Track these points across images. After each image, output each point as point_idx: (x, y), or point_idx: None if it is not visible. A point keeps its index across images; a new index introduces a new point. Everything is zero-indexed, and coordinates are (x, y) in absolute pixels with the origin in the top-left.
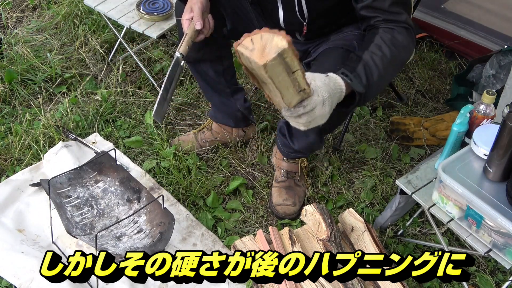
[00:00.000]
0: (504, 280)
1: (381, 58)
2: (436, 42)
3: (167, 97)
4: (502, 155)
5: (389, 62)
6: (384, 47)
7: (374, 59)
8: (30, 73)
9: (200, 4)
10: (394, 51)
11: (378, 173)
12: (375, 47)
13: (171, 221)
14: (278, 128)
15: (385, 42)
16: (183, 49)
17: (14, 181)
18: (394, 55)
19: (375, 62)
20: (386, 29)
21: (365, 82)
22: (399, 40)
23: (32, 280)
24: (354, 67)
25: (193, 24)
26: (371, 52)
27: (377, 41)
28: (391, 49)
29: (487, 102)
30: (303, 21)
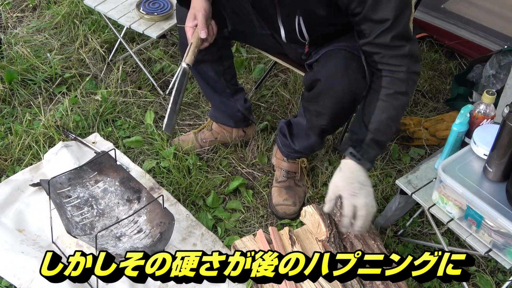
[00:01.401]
0: (504, 280)
1: (387, 123)
2: (436, 42)
3: (176, 108)
4: (502, 155)
5: (396, 116)
6: (390, 108)
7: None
8: (30, 73)
9: (204, 11)
10: (398, 107)
11: (378, 173)
12: (380, 111)
13: (171, 221)
14: (279, 128)
15: (389, 102)
16: (189, 59)
17: (14, 181)
18: (398, 111)
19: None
20: (387, 80)
21: (375, 154)
22: (401, 91)
23: (32, 280)
24: (361, 143)
25: (197, 32)
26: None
27: (381, 104)
28: (395, 105)
29: (487, 102)
30: (304, 41)
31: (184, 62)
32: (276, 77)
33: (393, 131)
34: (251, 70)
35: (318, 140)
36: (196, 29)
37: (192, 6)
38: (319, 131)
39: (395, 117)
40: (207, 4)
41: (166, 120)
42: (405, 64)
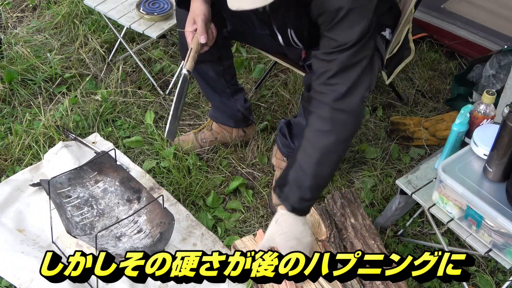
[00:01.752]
0: (504, 280)
1: (309, 164)
2: (436, 42)
3: (177, 115)
4: (502, 155)
5: (320, 159)
6: (311, 149)
7: (303, 168)
8: (30, 73)
9: (203, 15)
10: (322, 148)
11: (378, 173)
12: (302, 153)
13: (171, 221)
14: (279, 128)
15: (311, 142)
16: (190, 65)
17: (14, 181)
18: (323, 152)
19: (304, 167)
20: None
21: (297, 197)
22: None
23: (32, 280)
24: (285, 182)
25: (197, 37)
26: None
27: (304, 144)
28: (318, 146)
29: (487, 102)
30: (301, 48)
31: (185, 68)
32: (276, 77)
33: (322, 175)
34: (251, 70)
35: None
36: (195, 34)
37: (192, 10)
38: None
39: (320, 160)
40: (207, 7)
41: (168, 126)
42: (332, 94)
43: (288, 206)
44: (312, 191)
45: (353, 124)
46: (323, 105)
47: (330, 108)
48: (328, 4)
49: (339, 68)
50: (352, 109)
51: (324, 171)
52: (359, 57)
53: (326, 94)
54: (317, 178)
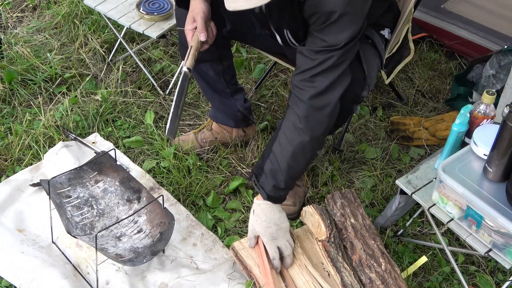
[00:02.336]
0: (504, 280)
1: (284, 155)
2: (436, 42)
3: (178, 113)
4: (502, 155)
5: (293, 153)
6: (285, 142)
7: (278, 160)
8: (30, 73)
9: (203, 14)
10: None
11: (378, 173)
12: (277, 145)
13: (171, 221)
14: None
15: (286, 136)
16: (190, 63)
17: (14, 181)
18: (296, 148)
19: (279, 161)
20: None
21: (272, 185)
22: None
23: (32, 280)
24: (261, 171)
25: (197, 35)
26: (277, 147)
27: (281, 136)
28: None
29: (487, 102)
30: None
31: (185, 66)
32: (276, 77)
33: (295, 169)
34: (251, 70)
35: None
36: (195, 32)
37: (191, 8)
38: None
39: (294, 156)
40: (206, 6)
41: (168, 124)
42: (309, 92)
43: (264, 194)
44: (286, 182)
45: (327, 124)
46: (301, 102)
47: (307, 105)
48: (322, 6)
49: (324, 68)
50: (327, 107)
51: (298, 165)
52: (343, 59)
53: (304, 91)
54: (291, 171)
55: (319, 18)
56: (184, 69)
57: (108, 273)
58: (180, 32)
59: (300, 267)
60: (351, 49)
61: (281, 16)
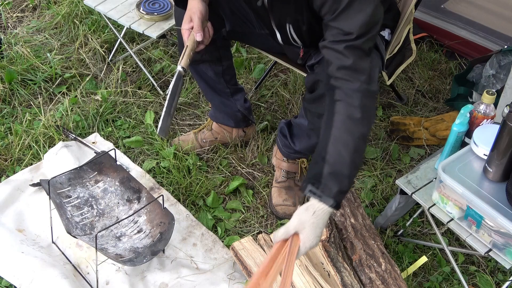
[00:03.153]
0: (504, 280)
1: (346, 151)
2: (436, 42)
3: (170, 112)
4: (502, 155)
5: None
6: (345, 135)
7: (341, 155)
8: (30, 73)
9: (200, 13)
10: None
11: (378, 173)
12: (336, 141)
13: (171, 221)
14: (279, 128)
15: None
16: (185, 62)
17: (14, 181)
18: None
19: (342, 158)
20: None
21: (336, 190)
22: (356, 117)
23: (32, 280)
24: (319, 178)
25: (193, 35)
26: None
27: (335, 132)
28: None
29: (487, 102)
30: (299, 46)
31: (180, 65)
32: (276, 77)
33: (357, 164)
34: (251, 70)
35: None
36: (192, 32)
37: (189, 8)
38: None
39: (354, 148)
40: (203, 6)
41: (160, 123)
42: (357, 81)
43: (330, 200)
44: (350, 181)
45: (375, 108)
46: (353, 92)
47: (361, 94)
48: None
49: (356, 56)
50: (375, 92)
51: (359, 161)
52: (370, 43)
53: (352, 81)
54: (354, 170)
55: (331, 6)
56: (179, 68)
57: (108, 273)
58: (179, 32)
59: (300, 267)
60: (373, 29)
61: (285, 9)
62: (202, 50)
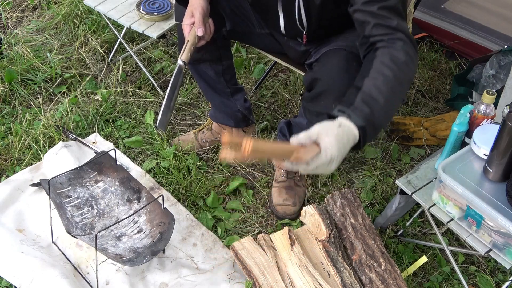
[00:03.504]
0: (504, 280)
1: (384, 82)
2: (436, 42)
3: (170, 106)
4: (502, 155)
5: (394, 83)
6: (386, 69)
7: (377, 85)
8: (30, 73)
9: (201, 9)
10: (396, 70)
11: (378, 173)
12: (375, 72)
13: (171, 221)
14: (279, 128)
15: (385, 64)
16: (185, 56)
17: (14, 181)
18: (397, 75)
19: (378, 88)
20: (383, 50)
21: (367, 113)
22: (399, 58)
23: (32, 280)
24: (352, 102)
25: (194, 30)
26: (371, 78)
27: (376, 65)
28: (393, 69)
29: (487, 102)
30: (303, 30)
31: (180, 59)
32: (276, 77)
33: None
34: (251, 70)
35: None
36: (193, 27)
37: (190, 4)
38: None
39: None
40: (205, 2)
41: (160, 116)
42: (398, 38)
43: (359, 120)
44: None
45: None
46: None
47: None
48: None
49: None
50: (416, 45)
51: (394, 102)
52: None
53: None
54: (388, 104)
55: None
56: (179, 62)
57: (108, 273)
58: (179, 31)
59: (300, 267)
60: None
61: None
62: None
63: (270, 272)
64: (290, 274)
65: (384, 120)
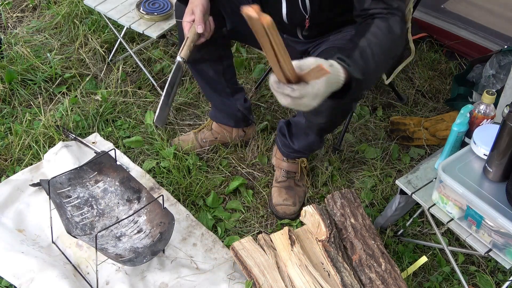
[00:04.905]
0: (504, 280)
1: (378, 45)
2: (436, 42)
3: (168, 102)
4: (502, 155)
5: (385, 50)
6: (381, 35)
7: (371, 46)
8: (30, 73)
9: (202, 7)
10: (390, 38)
11: (378, 173)
12: (371, 35)
13: (171, 221)
14: (278, 128)
15: (381, 30)
16: (185, 53)
17: (14, 181)
18: (389, 44)
19: (372, 49)
20: (381, 18)
21: (362, 68)
22: (394, 29)
23: (32, 280)
24: (351, 53)
25: (194, 27)
26: (368, 39)
27: (373, 29)
28: (388, 36)
29: (487, 102)
30: (306, 15)
31: (179, 56)
32: None
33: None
34: (251, 70)
35: (317, 138)
36: (193, 24)
37: (191, 1)
38: (318, 129)
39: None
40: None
41: (157, 112)
42: (396, 14)
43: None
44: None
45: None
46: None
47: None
48: None
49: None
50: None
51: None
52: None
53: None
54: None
55: None
56: (178, 58)
57: (108, 273)
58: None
59: (300, 267)
60: None
61: None
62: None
63: (270, 272)
64: (290, 274)
65: (369, 81)
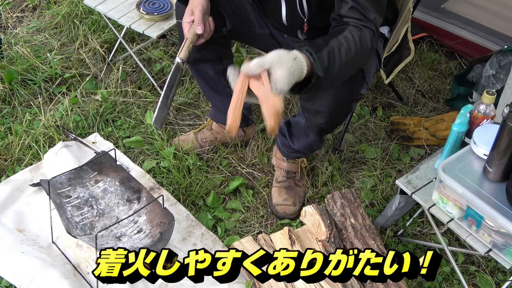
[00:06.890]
0: (504, 280)
1: (346, 51)
2: (436, 42)
3: (167, 103)
4: (502, 155)
5: (352, 57)
6: (352, 41)
7: (341, 49)
8: (30, 73)
9: (201, 7)
10: (359, 48)
11: (378, 173)
12: (344, 38)
13: (171, 221)
14: (278, 128)
15: (354, 38)
16: (184, 54)
17: (14, 181)
18: (358, 53)
19: (340, 52)
20: (356, 27)
21: (326, 67)
22: (366, 41)
23: (32, 280)
24: (320, 49)
25: (194, 28)
26: (339, 41)
27: (347, 34)
28: (358, 45)
29: (487, 102)
30: (304, 18)
31: (178, 57)
32: None
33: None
34: None
35: (317, 138)
36: (192, 25)
37: (190, 2)
38: (317, 129)
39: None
40: (205, 0)
41: (156, 113)
42: (370, 28)
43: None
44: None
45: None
46: (366, 29)
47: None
48: None
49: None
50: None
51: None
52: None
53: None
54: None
55: None
56: (177, 59)
57: None
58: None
59: None
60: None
61: None
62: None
63: None
64: None
65: (328, 84)
